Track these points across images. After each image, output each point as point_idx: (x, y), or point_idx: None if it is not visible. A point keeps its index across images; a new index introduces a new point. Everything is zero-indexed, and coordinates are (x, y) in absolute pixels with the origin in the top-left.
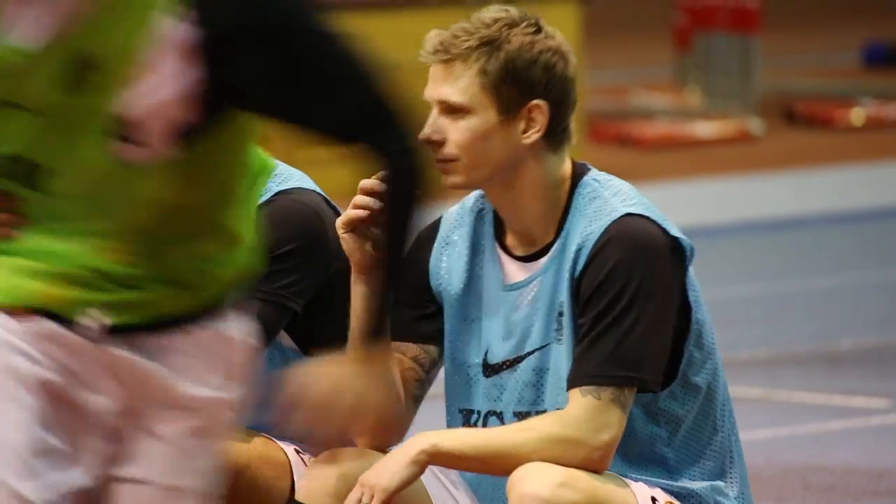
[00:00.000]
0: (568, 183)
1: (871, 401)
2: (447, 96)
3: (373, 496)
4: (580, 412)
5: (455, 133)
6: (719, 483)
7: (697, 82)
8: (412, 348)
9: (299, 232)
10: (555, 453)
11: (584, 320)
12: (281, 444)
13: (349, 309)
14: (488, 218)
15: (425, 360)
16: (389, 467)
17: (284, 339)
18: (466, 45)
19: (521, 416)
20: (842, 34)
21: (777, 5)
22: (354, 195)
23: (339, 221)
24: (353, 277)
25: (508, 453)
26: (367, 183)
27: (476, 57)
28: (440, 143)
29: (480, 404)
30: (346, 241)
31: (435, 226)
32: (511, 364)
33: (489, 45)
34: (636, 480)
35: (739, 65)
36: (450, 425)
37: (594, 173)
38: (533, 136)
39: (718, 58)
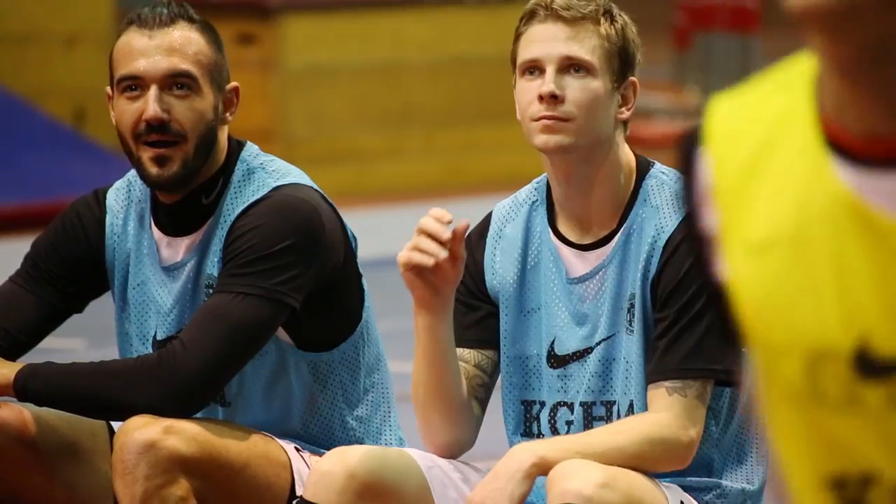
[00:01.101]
0: (633, 172)
1: None
2: (576, 53)
3: None
4: (671, 411)
5: (576, 92)
6: (751, 487)
7: (697, 82)
8: (474, 355)
9: (297, 228)
10: (653, 453)
11: (665, 314)
12: (281, 442)
13: (346, 305)
14: (541, 208)
15: (487, 364)
16: (504, 486)
17: (281, 334)
18: (591, 8)
19: (586, 406)
20: None
21: (776, 5)
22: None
23: (400, 260)
24: (415, 310)
25: (611, 456)
26: (431, 226)
27: (602, 21)
28: (560, 101)
29: (545, 395)
30: (407, 278)
31: (486, 223)
32: (581, 355)
33: (608, 13)
34: (669, 482)
35: (739, 64)
36: (507, 417)
37: (660, 167)
38: (626, 112)
39: (718, 57)
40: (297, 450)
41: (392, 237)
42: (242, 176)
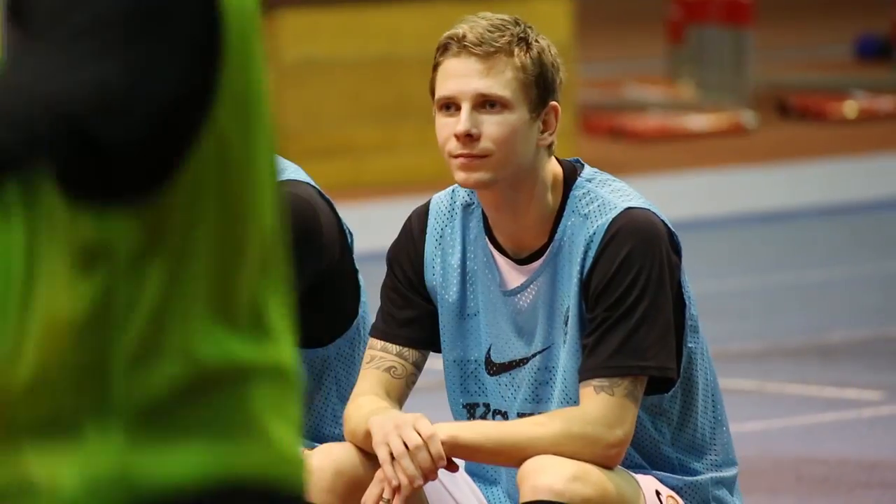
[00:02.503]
0: (560, 185)
1: (864, 393)
2: (490, 89)
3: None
4: (596, 409)
5: (492, 127)
6: (720, 474)
7: (690, 75)
8: (412, 353)
9: (294, 225)
10: (571, 449)
11: (595, 314)
12: None
13: (342, 301)
14: (477, 213)
15: (421, 362)
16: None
17: None
18: (504, 39)
19: (524, 416)
20: (834, 27)
21: None
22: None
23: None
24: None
25: (525, 447)
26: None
27: (516, 52)
28: (476, 139)
29: (486, 399)
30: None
31: (424, 217)
32: (518, 364)
33: (523, 41)
34: (642, 474)
35: (732, 58)
36: (455, 419)
37: (587, 173)
38: (548, 138)
39: (711, 51)
40: None
41: (387, 231)
42: None
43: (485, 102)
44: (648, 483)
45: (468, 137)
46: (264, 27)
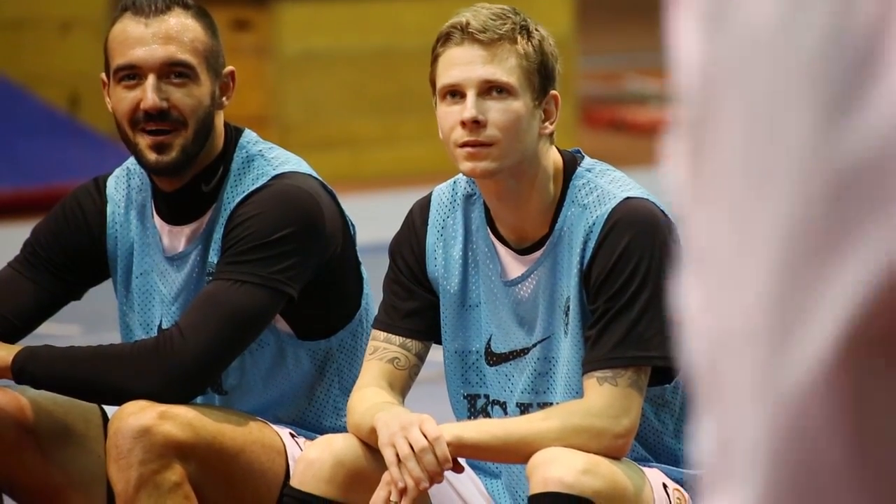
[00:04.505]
0: (561, 175)
1: None
2: (496, 76)
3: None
4: (600, 400)
5: (498, 114)
6: None
7: None
8: (415, 344)
9: (296, 216)
10: (578, 442)
11: (596, 305)
12: (276, 428)
13: (345, 293)
14: (478, 204)
15: (424, 353)
16: (419, 455)
17: (280, 323)
18: (507, 27)
19: (523, 407)
20: None
21: None
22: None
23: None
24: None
25: (532, 443)
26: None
27: (519, 40)
28: (483, 125)
29: (486, 390)
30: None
31: (426, 209)
32: (518, 354)
33: (525, 30)
34: (648, 467)
35: None
36: (455, 411)
37: (586, 163)
38: (549, 126)
39: None
40: (292, 435)
41: (388, 223)
42: (242, 163)
43: (490, 89)
44: (655, 476)
45: (475, 124)
46: (265, 19)
